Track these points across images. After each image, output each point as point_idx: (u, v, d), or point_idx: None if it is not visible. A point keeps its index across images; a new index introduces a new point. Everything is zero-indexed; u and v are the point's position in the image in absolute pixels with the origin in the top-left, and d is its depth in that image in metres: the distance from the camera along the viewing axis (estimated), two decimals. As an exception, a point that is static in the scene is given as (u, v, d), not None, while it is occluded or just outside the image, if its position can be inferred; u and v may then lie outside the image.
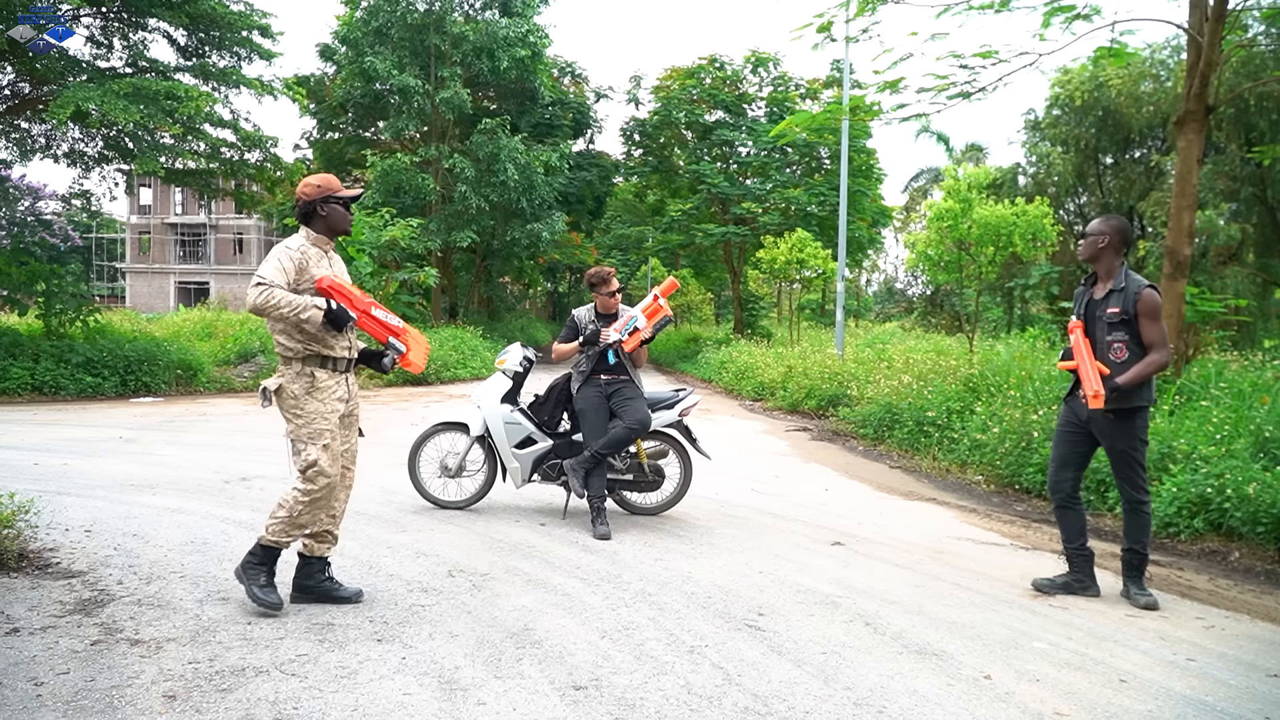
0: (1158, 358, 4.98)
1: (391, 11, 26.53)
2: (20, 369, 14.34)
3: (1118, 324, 5.06)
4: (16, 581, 4.64)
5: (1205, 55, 8.45)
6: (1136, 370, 4.94)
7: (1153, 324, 5.00)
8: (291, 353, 4.45)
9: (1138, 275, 5.12)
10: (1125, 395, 4.95)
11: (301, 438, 4.44)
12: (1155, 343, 5.00)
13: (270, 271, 4.28)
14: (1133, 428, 5.06)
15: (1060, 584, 5.30)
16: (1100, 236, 5.22)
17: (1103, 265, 5.23)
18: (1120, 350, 5.05)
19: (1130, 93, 23.36)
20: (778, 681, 3.76)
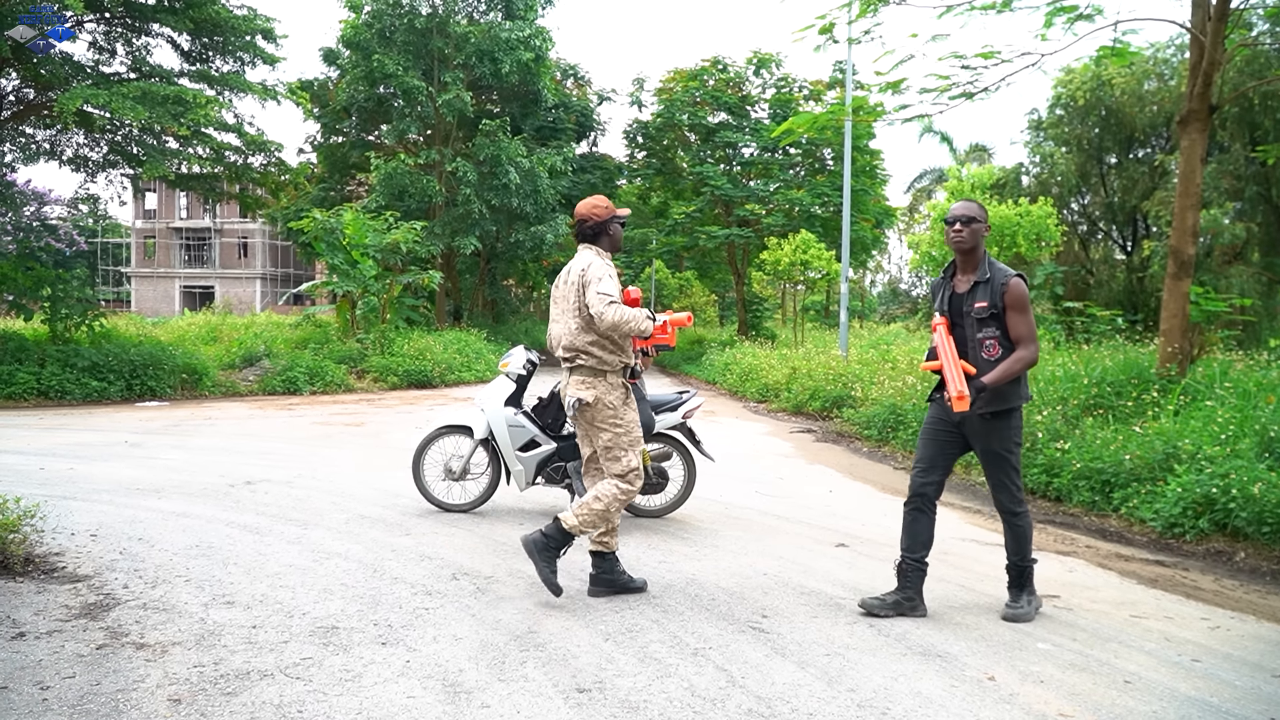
0: (1026, 354, 4.59)
1: (395, 15, 26.60)
2: (26, 373, 14.37)
3: (987, 319, 4.65)
4: (22, 585, 4.66)
5: (1208, 54, 8.44)
6: (1003, 369, 4.55)
7: (1021, 316, 4.62)
8: (608, 366, 4.80)
9: (1002, 265, 4.75)
10: (998, 395, 4.60)
11: (621, 444, 4.81)
12: (1024, 337, 4.61)
13: (613, 288, 4.68)
14: (1007, 429, 4.71)
15: (890, 603, 4.71)
16: (985, 225, 4.79)
17: (975, 256, 4.76)
18: (993, 347, 4.64)
19: (1134, 92, 23.34)
20: (781, 683, 3.76)
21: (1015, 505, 4.78)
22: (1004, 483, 4.77)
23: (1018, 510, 4.78)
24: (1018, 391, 4.69)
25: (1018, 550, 4.80)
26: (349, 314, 21.62)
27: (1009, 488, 4.77)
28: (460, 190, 26.26)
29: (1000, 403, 4.63)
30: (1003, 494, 4.79)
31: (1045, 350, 12.17)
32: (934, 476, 4.88)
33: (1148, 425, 7.91)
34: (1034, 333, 4.63)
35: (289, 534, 6.03)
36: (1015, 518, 4.78)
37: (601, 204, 4.97)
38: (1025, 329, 4.61)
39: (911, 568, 4.79)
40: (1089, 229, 27.57)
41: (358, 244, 20.32)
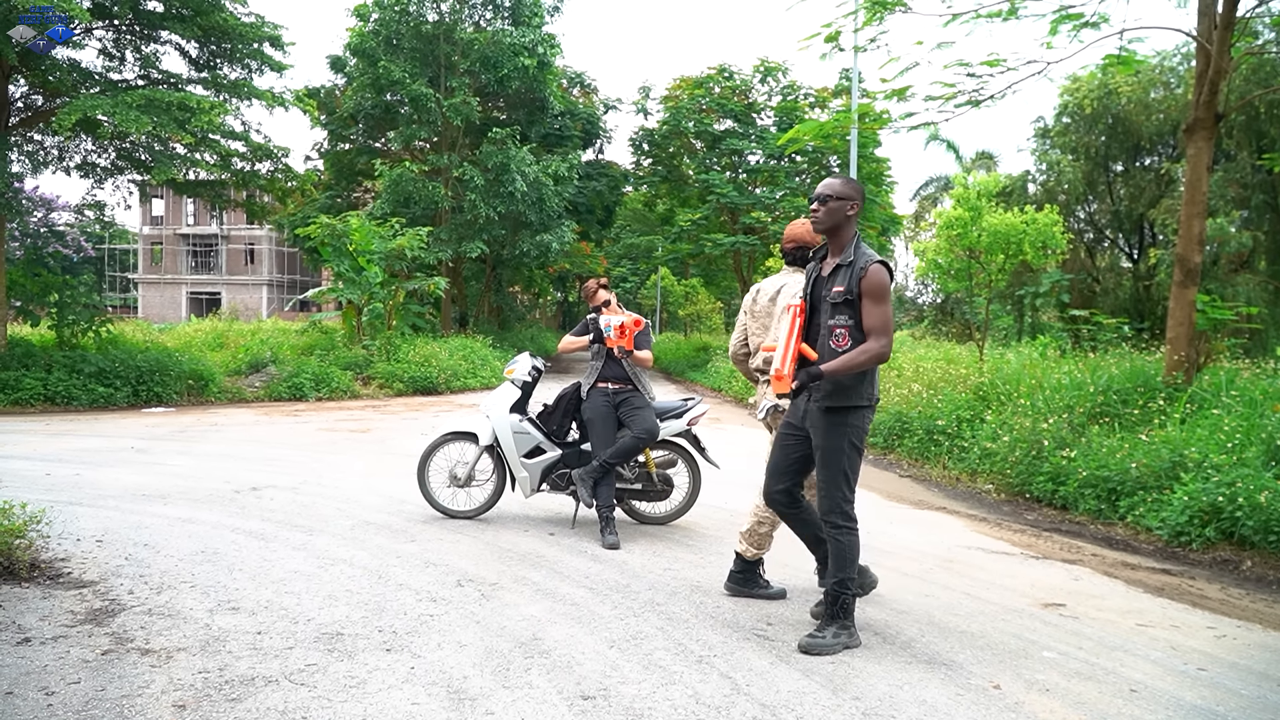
0: (875, 346, 4.17)
1: (402, 21, 26.69)
2: (33, 379, 14.41)
3: (841, 305, 4.28)
4: (28, 591, 4.67)
5: (1214, 62, 8.44)
6: (846, 358, 4.18)
7: (875, 306, 4.21)
8: None
9: (870, 250, 4.35)
10: (838, 389, 4.26)
11: None
12: (874, 329, 4.20)
13: None
14: (842, 428, 4.29)
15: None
16: (848, 202, 4.36)
17: (841, 238, 4.40)
18: (842, 337, 4.26)
19: (1140, 100, 23.32)
20: (786, 691, 3.75)
21: (839, 516, 4.32)
22: (830, 487, 4.32)
23: (840, 523, 4.32)
24: (861, 389, 4.30)
25: (835, 570, 4.34)
26: (355, 320, 21.64)
27: (834, 495, 4.31)
28: (466, 196, 26.31)
29: (840, 398, 4.28)
30: (826, 499, 4.33)
31: (1051, 359, 12.16)
32: (780, 484, 4.58)
33: (1154, 433, 7.89)
34: (888, 325, 4.21)
35: (294, 540, 6.03)
36: (837, 530, 4.32)
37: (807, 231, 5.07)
38: (878, 320, 4.21)
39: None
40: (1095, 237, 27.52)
41: (364, 250, 20.36)
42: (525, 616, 4.60)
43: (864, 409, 4.33)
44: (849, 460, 4.31)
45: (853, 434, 4.30)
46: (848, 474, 4.31)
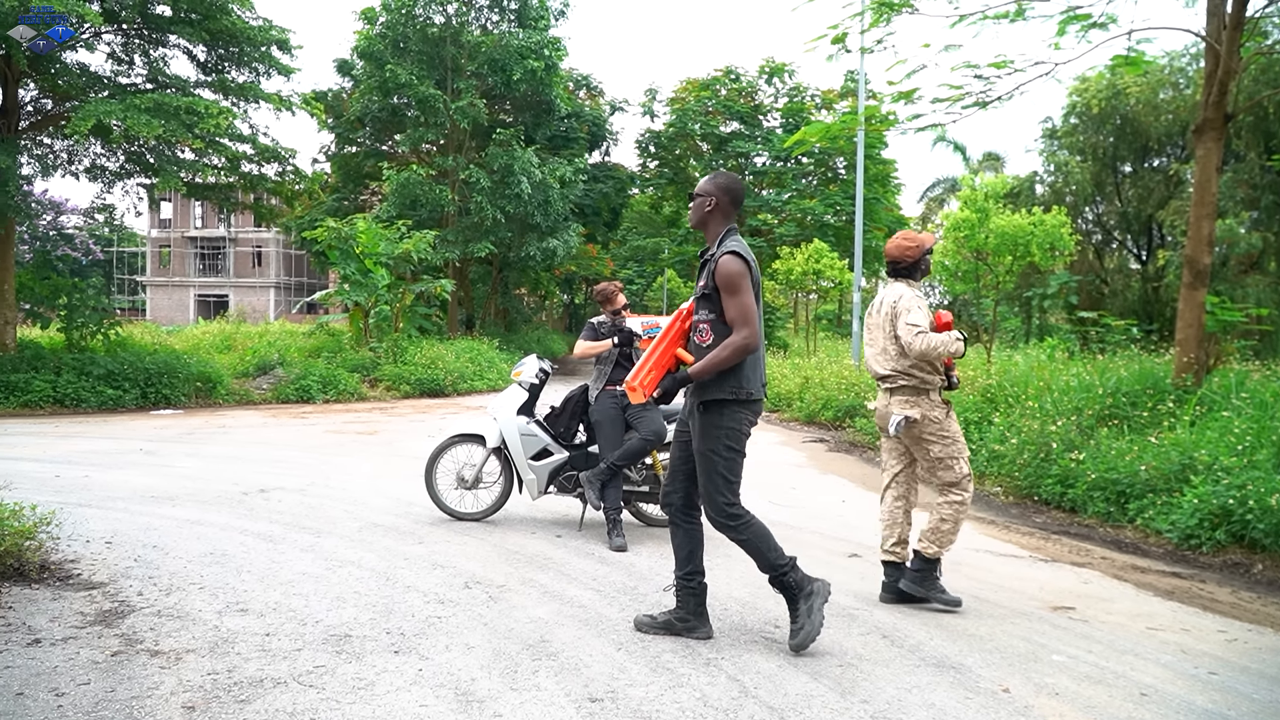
0: (738, 339, 4.06)
1: (409, 24, 26.74)
2: (42, 382, 14.46)
3: (703, 300, 4.22)
4: (38, 593, 4.68)
5: (1223, 63, 8.41)
6: (710, 358, 4.09)
7: (731, 298, 4.09)
8: (929, 384, 5.03)
9: (732, 242, 4.24)
10: (704, 386, 4.18)
11: (951, 454, 5.05)
12: (734, 320, 4.09)
13: (922, 319, 4.92)
14: (715, 426, 4.19)
15: (661, 623, 4.43)
16: (707, 199, 4.33)
17: (710, 233, 4.37)
18: (705, 333, 4.20)
19: (1149, 101, 23.29)
20: (794, 694, 3.74)
21: (726, 519, 4.22)
22: (710, 491, 4.23)
23: (731, 524, 4.22)
24: (728, 383, 4.17)
25: (761, 566, 4.28)
26: (362, 323, 21.68)
27: (715, 500, 4.21)
28: (472, 198, 26.35)
29: (707, 393, 4.19)
30: (709, 506, 4.25)
31: (1059, 361, 12.12)
32: (675, 484, 4.46)
33: (1163, 436, 7.87)
34: (748, 315, 4.09)
35: (302, 542, 6.04)
36: (732, 533, 4.23)
37: (911, 243, 5.14)
38: (736, 311, 4.09)
39: (681, 586, 4.43)
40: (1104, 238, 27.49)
41: (371, 253, 20.40)
42: (533, 618, 4.60)
43: (736, 405, 4.20)
44: (727, 462, 4.21)
45: (726, 434, 4.19)
46: (725, 476, 4.21)
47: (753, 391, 4.23)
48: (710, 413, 4.21)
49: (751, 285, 4.16)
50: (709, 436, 4.20)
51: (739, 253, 4.16)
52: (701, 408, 4.23)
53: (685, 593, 4.41)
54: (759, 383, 4.29)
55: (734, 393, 4.17)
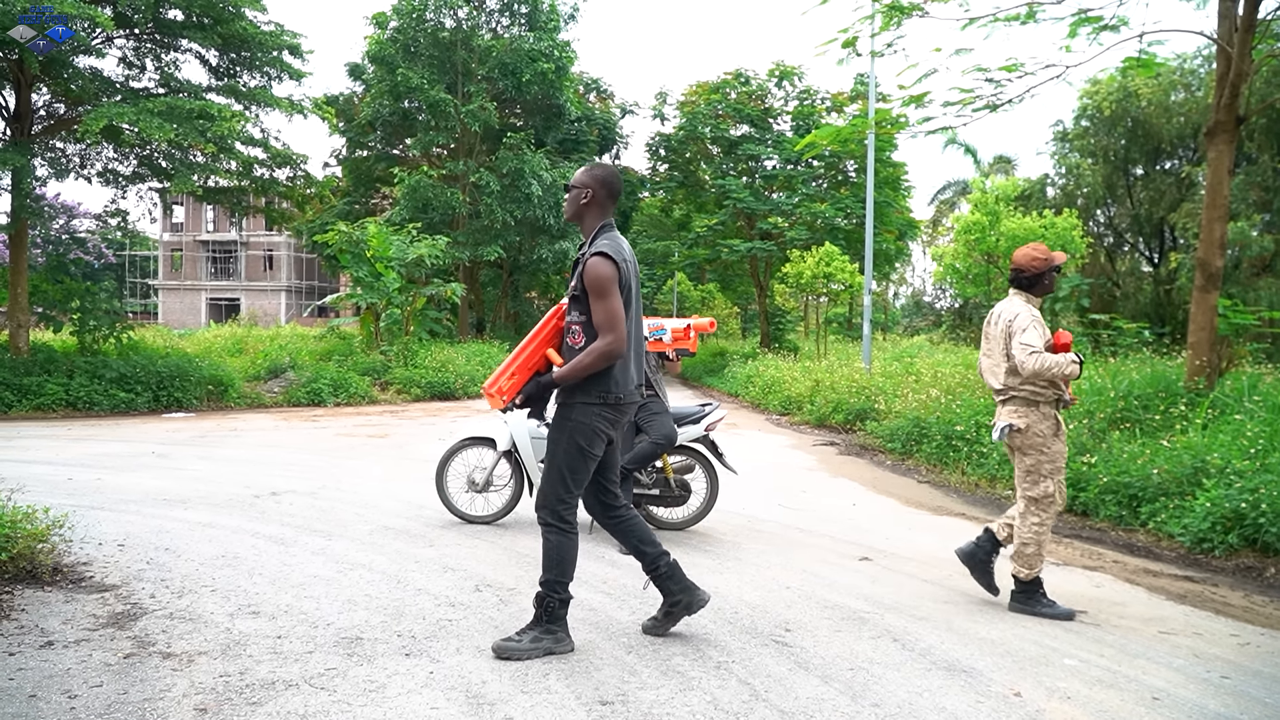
0: (601, 345, 3.94)
1: (420, 29, 26.82)
2: (55, 385, 14.53)
3: (574, 301, 4.11)
4: (51, 595, 4.70)
5: (1235, 65, 8.39)
6: (574, 363, 4.01)
7: (597, 301, 3.97)
8: (1041, 397, 5.05)
9: (612, 239, 4.13)
10: (572, 389, 4.09)
11: (1043, 470, 5.04)
12: (600, 325, 3.96)
13: (1035, 338, 4.94)
14: (565, 424, 4.10)
15: (663, 619, 4.44)
16: (583, 191, 4.20)
17: (585, 227, 4.25)
18: (577, 334, 4.08)
19: (1160, 103, 23.22)
20: (805, 698, 3.74)
21: (550, 515, 4.14)
22: (548, 483, 4.14)
23: (551, 521, 4.13)
24: (595, 388, 4.07)
25: (545, 570, 4.17)
26: (372, 326, 21.75)
27: (550, 492, 4.12)
28: (483, 200, 26.41)
29: (567, 393, 4.12)
30: (541, 494, 4.17)
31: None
32: (584, 490, 4.33)
33: (1175, 439, 7.84)
34: (614, 320, 3.97)
35: (313, 545, 6.06)
36: (547, 529, 4.15)
37: (1040, 254, 5.14)
38: (602, 316, 3.97)
39: (654, 576, 4.40)
40: (1115, 241, 27.40)
41: (382, 257, 20.46)
42: (543, 622, 4.60)
43: (593, 405, 4.08)
44: (570, 459, 4.09)
45: (577, 431, 4.07)
46: (565, 473, 4.09)
47: (620, 395, 4.12)
48: (565, 408, 4.13)
49: (622, 288, 4.03)
50: (559, 431, 4.12)
51: (609, 254, 4.02)
52: (559, 404, 4.17)
53: (661, 579, 4.38)
54: (629, 386, 4.18)
55: (601, 397, 4.08)
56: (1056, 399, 5.08)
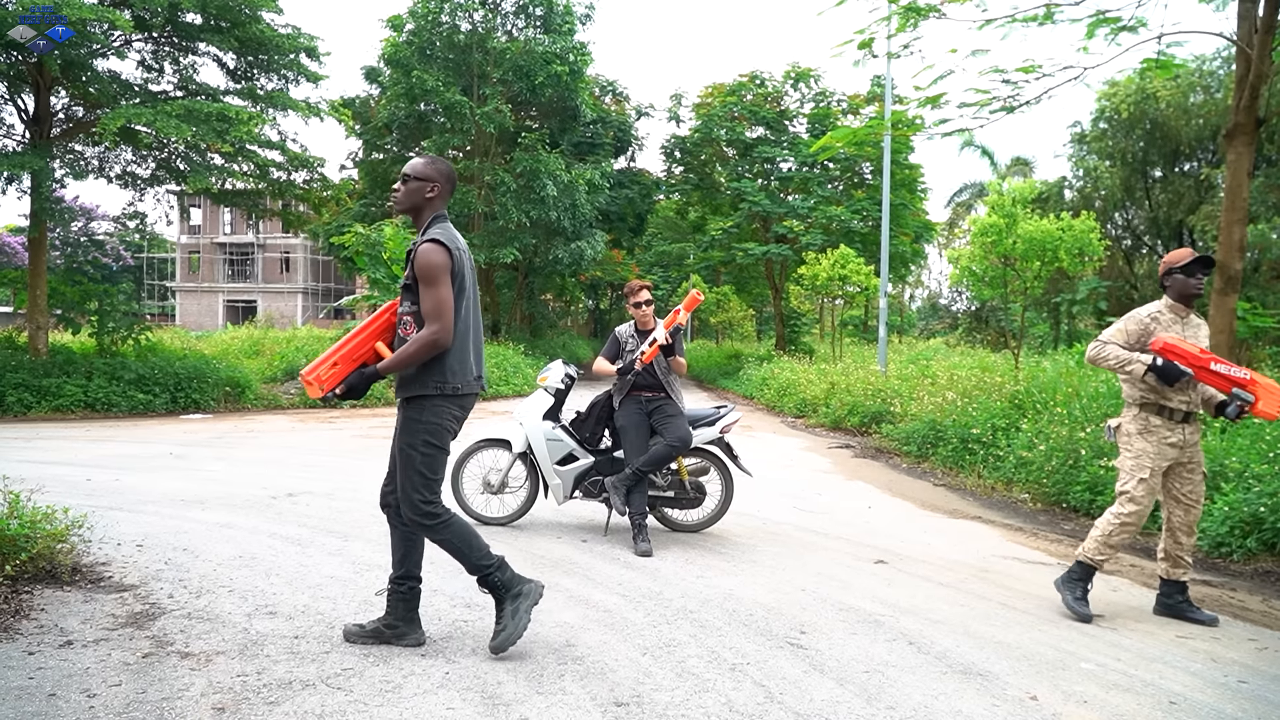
0: (427, 334, 3.86)
1: (436, 31, 26.91)
2: (74, 386, 14.63)
3: (405, 290, 4.03)
4: (70, 595, 4.73)
5: (1255, 67, 8.34)
6: (399, 353, 3.92)
7: (426, 289, 3.89)
8: (1131, 398, 5.20)
9: (446, 229, 4.06)
10: (403, 381, 4.02)
11: (1127, 468, 5.15)
12: (427, 314, 3.89)
13: (1110, 332, 5.21)
14: (415, 423, 4.00)
15: (370, 631, 4.21)
16: (428, 184, 4.09)
17: (420, 219, 4.12)
18: (409, 325, 4.00)
19: (1179, 105, 23.08)
20: (820, 700, 3.74)
21: (423, 518, 4.02)
22: (407, 488, 4.02)
23: (428, 524, 4.03)
24: (429, 378, 3.99)
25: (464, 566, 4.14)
26: (389, 328, 21.78)
27: (412, 497, 4.00)
28: (498, 202, 26.47)
29: (406, 388, 4.03)
30: (405, 503, 4.03)
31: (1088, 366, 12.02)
32: (389, 484, 4.25)
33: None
34: (441, 309, 3.89)
35: (330, 546, 6.08)
36: (430, 532, 4.06)
37: (1169, 258, 5.28)
38: (430, 304, 3.89)
39: (391, 591, 4.26)
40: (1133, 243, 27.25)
41: (398, 259, 20.51)
42: (558, 623, 4.61)
43: (437, 399, 4.00)
44: (424, 459, 4.00)
45: (428, 429, 4.00)
46: (423, 473, 4.00)
47: (459, 386, 4.05)
48: (409, 406, 4.03)
49: (455, 276, 3.96)
50: (409, 431, 4.01)
51: (442, 242, 3.95)
52: (402, 402, 4.06)
53: (395, 598, 4.23)
54: (468, 376, 4.10)
55: (439, 388, 3.99)
56: (1159, 406, 5.08)
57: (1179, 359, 4.94)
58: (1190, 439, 5.11)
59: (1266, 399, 4.86)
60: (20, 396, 14.16)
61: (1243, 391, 4.87)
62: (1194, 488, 5.16)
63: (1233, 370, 4.90)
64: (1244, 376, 4.88)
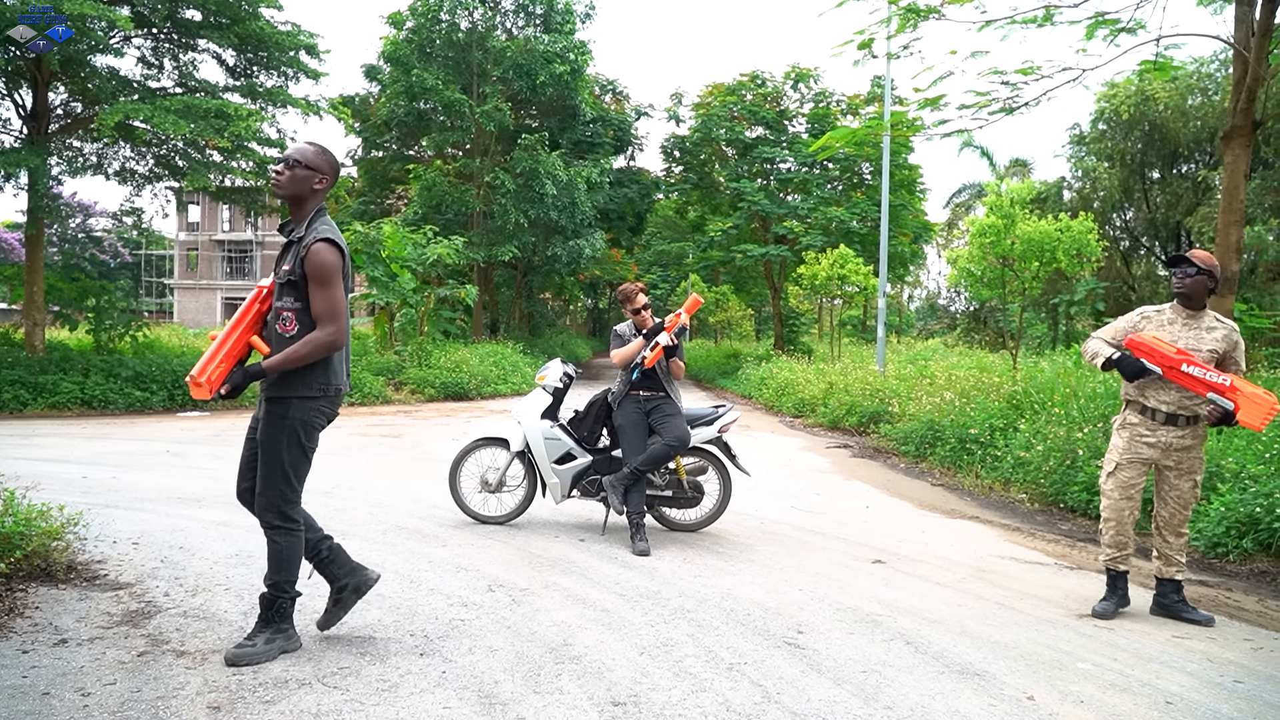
0: (322, 336, 3.84)
1: (435, 29, 26.90)
2: (70, 383, 14.62)
3: (288, 286, 3.94)
4: (65, 593, 4.73)
5: (1252, 70, 8.34)
6: (288, 352, 3.83)
7: (320, 290, 3.87)
8: (1122, 397, 5.32)
9: (331, 226, 4.01)
10: (281, 379, 3.91)
11: (1106, 462, 5.32)
12: (321, 315, 3.87)
13: (1103, 329, 5.33)
14: (283, 421, 3.92)
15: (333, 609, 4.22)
16: (315, 175, 4.00)
17: (301, 210, 4.02)
18: (289, 322, 3.91)
19: (1177, 107, 23.11)
20: (817, 700, 3.73)
21: (276, 517, 3.98)
22: (267, 485, 3.96)
23: (278, 523, 3.98)
24: (310, 379, 3.93)
25: (273, 572, 4.01)
26: (387, 326, 21.81)
27: (271, 493, 3.96)
28: (497, 200, 26.46)
29: (281, 388, 3.93)
30: (263, 497, 3.97)
31: (1085, 367, 12.03)
32: (245, 481, 4.16)
33: (1191, 443, 7.79)
34: (337, 311, 3.89)
35: (327, 544, 6.06)
36: (274, 531, 3.99)
37: None
38: (324, 306, 3.87)
39: (316, 564, 4.23)
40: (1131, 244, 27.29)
41: (397, 257, 20.51)
42: (556, 622, 4.61)
43: (314, 399, 3.96)
44: (290, 457, 3.94)
45: (296, 427, 3.93)
46: (288, 473, 3.95)
47: (340, 386, 4.05)
48: (280, 404, 3.94)
49: (343, 277, 3.94)
50: (276, 429, 3.93)
51: (335, 241, 3.91)
52: (269, 399, 3.96)
53: (322, 565, 4.21)
54: (345, 376, 4.09)
55: (322, 389, 3.96)
56: (1141, 405, 5.12)
57: (1148, 356, 4.94)
58: (1178, 443, 5.04)
59: (1247, 409, 4.74)
60: (16, 393, 14.15)
61: (1219, 398, 4.76)
62: (1180, 493, 5.12)
63: (1209, 375, 4.79)
64: (1222, 382, 4.76)
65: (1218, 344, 4.99)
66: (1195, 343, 5.00)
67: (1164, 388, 5.01)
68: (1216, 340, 5.01)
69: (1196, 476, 5.10)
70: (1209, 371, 4.82)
